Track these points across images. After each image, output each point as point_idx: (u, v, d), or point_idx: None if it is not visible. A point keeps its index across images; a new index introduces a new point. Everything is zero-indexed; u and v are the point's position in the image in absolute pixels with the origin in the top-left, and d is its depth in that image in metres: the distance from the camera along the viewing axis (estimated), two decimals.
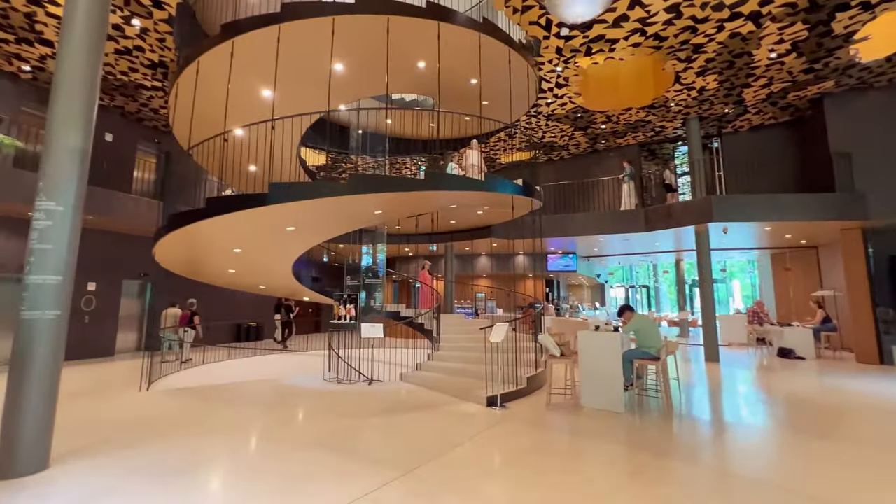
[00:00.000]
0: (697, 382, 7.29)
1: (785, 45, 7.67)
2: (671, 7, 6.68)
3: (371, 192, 5.38)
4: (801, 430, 4.63)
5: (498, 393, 5.69)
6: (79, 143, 3.90)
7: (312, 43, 6.04)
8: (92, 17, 4.01)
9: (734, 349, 11.88)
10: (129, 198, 9.55)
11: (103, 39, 4.15)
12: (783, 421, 5.05)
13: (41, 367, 3.59)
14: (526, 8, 6.77)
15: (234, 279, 9.63)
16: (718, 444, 4.25)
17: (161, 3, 6.65)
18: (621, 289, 27.09)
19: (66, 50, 3.92)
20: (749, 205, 9.24)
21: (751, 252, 15.56)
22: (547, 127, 11.81)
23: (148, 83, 9.05)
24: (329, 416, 5.32)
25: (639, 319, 5.67)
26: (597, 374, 5.55)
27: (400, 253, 16.84)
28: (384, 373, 7.79)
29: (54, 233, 3.71)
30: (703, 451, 4.04)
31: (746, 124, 11.50)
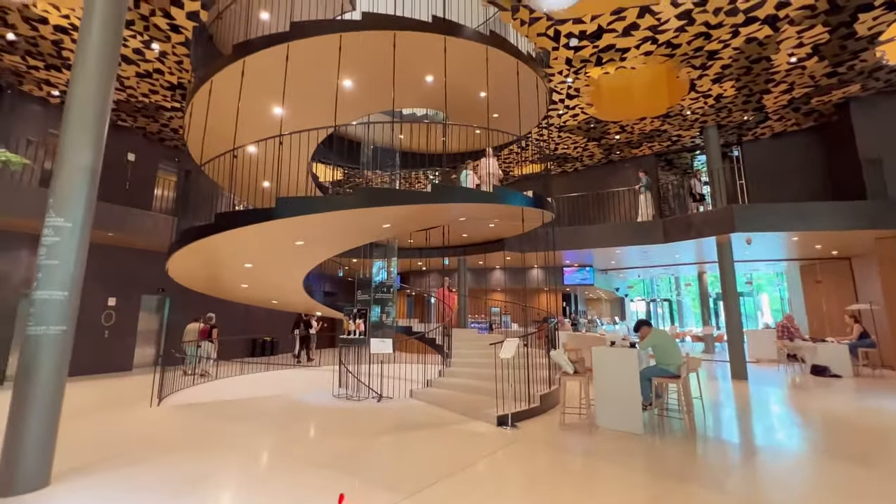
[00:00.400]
0: (723, 402, 6.88)
1: (805, 48, 7.41)
2: (683, 14, 6.55)
3: (376, 206, 5.34)
4: (839, 454, 4.26)
5: (509, 412, 5.47)
6: (89, 161, 3.98)
7: (321, 60, 6.13)
8: (104, 44, 4.13)
9: (763, 366, 11.27)
10: (147, 215, 9.80)
11: (115, 65, 4.27)
12: (818, 444, 4.67)
13: (45, 383, 3.60)
14: (533, 20, 6.74)
15: (246, 294, 9.70)
16: (747, 469, 3.94)
17: (178, 28, 6.89)
18: (642, 303, 26.35)
19: (80, 73, 4.04)
20: (773, 214, 8.85)
21: (778, 264, 14.91)
22: (559, 139, 11.69)
23: (167, 104, 9.37)
24: (336, 434, 5.19)
25: (656, 335, 5.40)
26: (613, 393, 5.28)
27: (413, 267, 16.78)
28: (394, 389, 7.63)
29: (62, 249, 3.77)
30: (730, 477, 3.74)
31: (768, 131, 11.13)
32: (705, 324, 15.81)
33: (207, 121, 6.95)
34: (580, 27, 6.91)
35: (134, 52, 7.50)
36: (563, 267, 15.55)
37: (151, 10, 6.52)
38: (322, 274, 15.77)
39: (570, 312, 17.90)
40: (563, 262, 15.07)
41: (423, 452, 4.44)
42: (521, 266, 11.82)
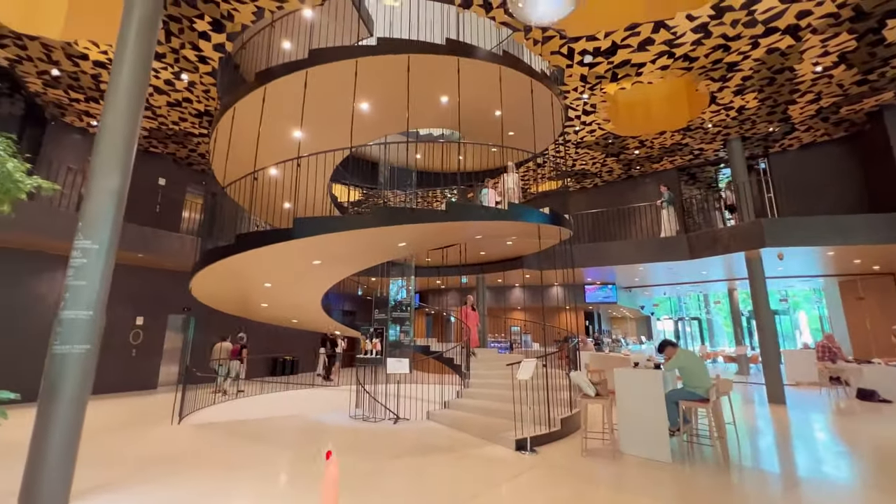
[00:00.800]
0: (759, 428, 6.46)
1: (831, 57, 7.17)
2: (699, 27, 6.47)
3: (391, 225, 5.37)
4: (891, 489, 3.88)
5: (528, 435, 5.27)
6: (116, 185, 4.15)
7: (339, 84, 6.32)
8: (134, 78, 4.37)
9: (803, 389, 10.58)
10: (175, 236, 10.16)
11: (143, 97, 4.48)
12: (868, 477, 4.28)
13: (68, 402, 3.68)
14: (546, 39, 6.79)
15: (267, 313, 9.84)
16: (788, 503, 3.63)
17: (205, 59, 7.26)
18: (669, 321, 25.39)
19: (111, 105, 4.27)
20: (805, 228, 8.44)
21: (815, 280, 14.17)
22: (577, 155, 11.61)
23: (196, 130, 9.82)
24: (351, 456, 5.10)
25: (683, 356, 5.14)
26: (638, 418, 5.02)
27: (431, 285, 16.75)
28: (411, 409, 7.51)
29: (89, 270, 3.91)
30: None
31: (796, 142, 10.75)
32: (738, 343, 15.06)
33: (232, 145, 7.23)
34: (594, 44, 6.92)
35: (165, 82, 7.93)
36: (585, 284, 15.20)
37: (181, 44, 6.91)
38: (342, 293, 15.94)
39: (593, 331, 17.39)
40: (585, 280, 14.75)
41: (436, 478, 4.30)
42: (541, 284, 11.61)
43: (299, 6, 6.19)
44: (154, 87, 8.10)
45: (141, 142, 10.48)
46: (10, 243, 8.45)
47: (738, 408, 7.95)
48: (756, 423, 6.82)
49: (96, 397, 9.35)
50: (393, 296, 9.57)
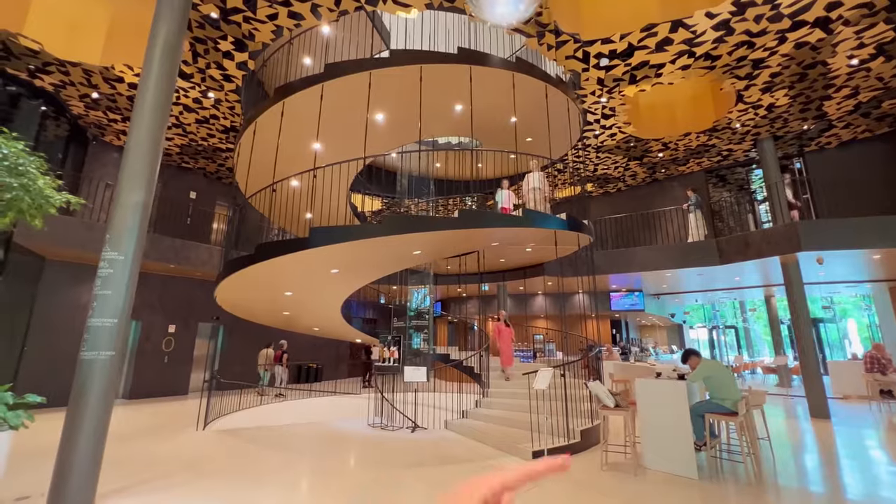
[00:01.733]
0: (798, 444, 6.04)
1: (867, 49, 6.77)
2: (720, 24, 6.25)
3: (404, 233, 5.39)
4: None
5: (545, 447, 5.12)
6: (141, 197, 4.36)
7: (356, 96, 6.46)
8: (156, 99, 4.59)
9: (852, 403, 9.85)
10: (204, 247, 10.58)
11: (166, 116, 4.69)
12: None
13: (94, 406, 3.84)
14: (560, 44, 6.73)
15: (288, 321, 10.06)
16: None
17: (230, 77, 7.59)
18: (703, 330, 24.29)
19: (136, 124, 4.50)
20: (845, 230, 7.92)
21: (861, 285, 13.25)
22: (598, 159, 11.38)
23: (223, 146, 10.25)
24: (367, 465, 5.10)
25: (708, 366, 4.88)
26: (661, 430, 4.79)
27: (452, 293, 16.70)
28: (429, 418, 7.45)
29: (115, 280, 4.10)
30: None
31: (834, 140, 10.15)
32: (777, 353, 14.22)
33: (254, 158, 7.50)
34: (610, 46, 6.80)
35: (193, 101, 8.33)
36: (610, 292, 14.78)
37: (207, 64, 7.25)
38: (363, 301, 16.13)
39: (620, 340, 16.85)
40: (610, 287, 14.34)
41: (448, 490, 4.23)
42: (565, 291, 11.36)
43: (316, 23, 6.39)
44: (184, 106, 8.52)
45: (174, 158, 11.03)
46: (61, 256, 8.99)
47: (777, 422, 7.47)
48: (795, 438, 6.38)
49: (132, 402, 9.77)
50: (412, 304, 9.59)
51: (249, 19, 6.25)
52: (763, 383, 14.01)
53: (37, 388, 6.08)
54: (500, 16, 1.25)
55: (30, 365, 8.49)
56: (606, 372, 9.67)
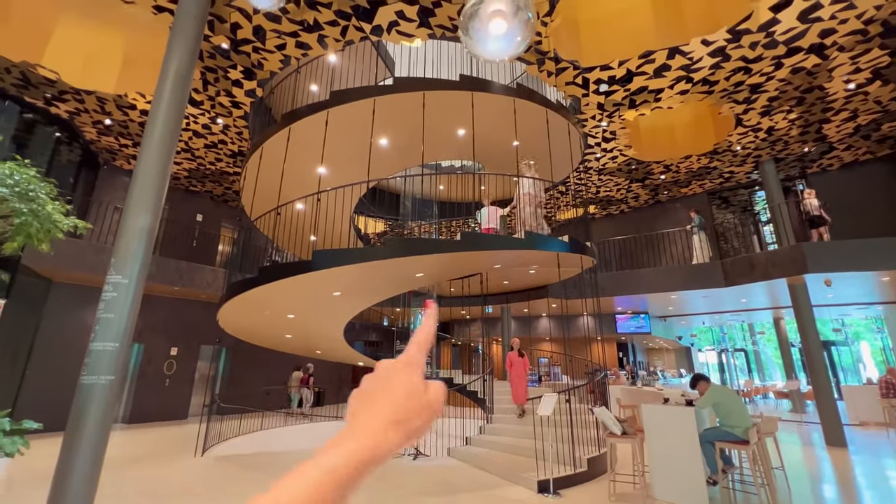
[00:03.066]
0: (814, 474, 5.82)
1: (864, 73, 6.87)
2: (716, 51, 6.39)
3: (406, 256, 5.41)
4: None
5: (551, 477, 4.96)
6: (147, 221, 4.42)
7: (361, 122, 6.61)
8: (166, 126, 4.72)
9: (869, 429, 9.54)
10: (209, 269, 10.64)
11: (174, 143, 4.81)
12: None
13: (92, 431, 3.79)
14: (560, 70, 6.89)
15: (291, 344, 9.99)
16: None
17: (238, 104, 7.81)
18: (713, 353, 23.82)
19: (146, 148, 4.61)
20: (852, 251, 7.85)
21: (872, 307, 13.03)
22: (601, 181, 11.47)
23: (230, 170, 10.44)
24: (369, 494, 4.95)
25: (717, 392, 4.76)
26: (671, 459, 4.65)
27: (456, 316, 16.57)
28: (432, 445, 7.28)
29: (118, 303, 4.11)
30: None
31: (836, 162, 10.19)
32: (789, 378, 13.86)
33: (261, 182, 7.62)
34: (608, 73, 6.95)
35: (203, 126, 8.55)
36: (615, 314, 14.62)
37: (217, 91, 7.48)
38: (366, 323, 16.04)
39: (627, 363, 16.55)
40: (615, 309, 14.19)
41: None
42: (569, 313, 11.25)
43: (322, 52, 6.60)
44: (193, 132, 8.74)
45: (182, 182, 11.24)
46: (68, 279, 9.07)
47: (791, 450, 7.22)
48: (811, 467, 6.16)
49: (131, 427, 9.64)
50: (415, 326, 9.51)
51: (258, 49, 6.47)
52: (776, 408, 13.63)
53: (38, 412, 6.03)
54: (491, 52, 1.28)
55: (31, 388, 8.44)
56: (613, 397, 9.47)
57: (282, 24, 5.96)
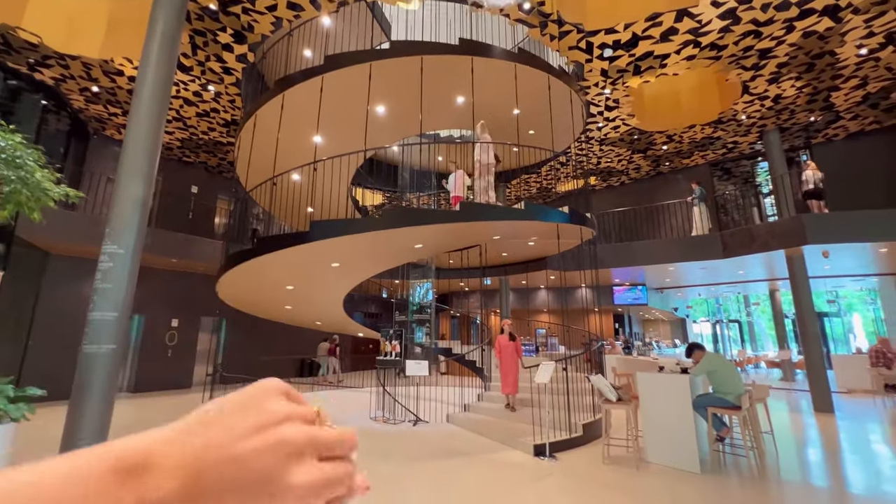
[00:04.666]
0: (802, 438, 6.01)
1: (877, 38, 6.63)
2: (726, 13, 6.13)
3: (404, 226, 5.36)
4: None
5: (547, 441, 5.11)
6: (141, 192, 4.33)
7: (356, 89, 6.40)
8: (155, 92, 4.55)
9: (857, 397, 9.81)
10: (206, 241, 10.58)
11: (165, 108, 4.65)
12: None
13: (97, 399, 3.85)
14: (563, 34, 6.63)
15: (290, 315, 10.07)
16: None
17: (229, 70, 7.54)
18: (707, 324, 24.22)
19: (135, 117, 4.47)
20: (851, 223, 7.82)
21: (867, 279, 13.15)
22: (601, 152, 11.28)
23: (224, 140, 10.21)
24: (367, 460, 5.10)
25: (711, 359, 4.84)
26: (663, 424, 4.77)
27: (454, 288, 16.67)
28: (431, 412, 7.46)
29: (115, 273, 4.09)
30: None
31: (842, 132, 10.01)
32: (781, 348, 14.16)
33: (255, 152, 7.46)
34: (614, 37, 6.69)
35: (194, 94, 8.29)
36: (613, 286, 14.72)
37: (207, 56, 7.20)
38: (365, 295, 16.14)
39: (623, 334, 16.81)
40: (613, 281, 14.28)
41: (453, 483, 4.23)
42: (568, 285, 11.32)
43: (315, 14, 6.31)
44: (184, 100, 8.48)
45: (175, 152, 11.01)
46: (64, 250, 9.01)
47: (780, 416, 7.44)
48: (799, 433, 6.35)
49: (136, 396, 9.84)
50: (414, 298, 9.57)
51: (248, 10, 6.19)
52: (767, 377, 13.96)
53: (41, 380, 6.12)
54: None
55: (35, 358, 8.55)
56: (609, 366, 9.65)
57: None
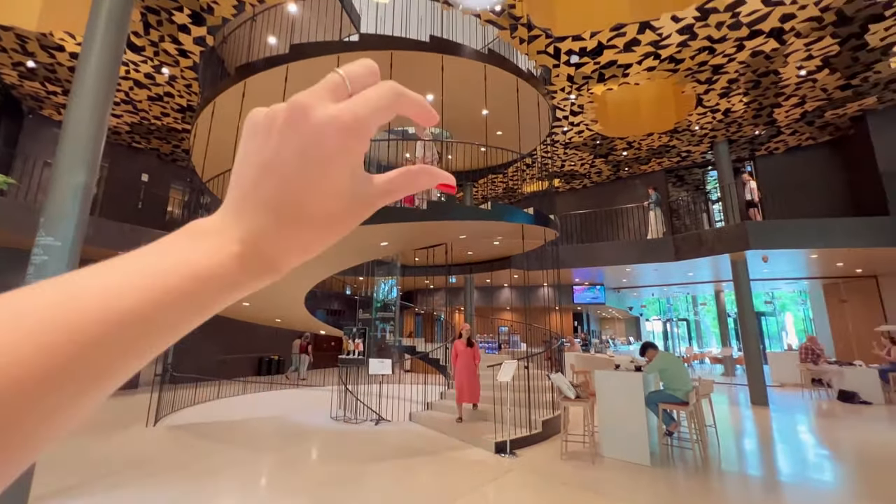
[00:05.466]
0: (740, 430, 6.47)
1: (815, 61, 7.21)
2: (684, 29, 6.46)
3: (369, 224, 5.27)
4: (872, 494, 3.88)
5: (507, 438, 5.21)
6: (82, 181, 4.01)
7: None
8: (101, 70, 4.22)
9: (787, 391, 10.67)
10: (155, 233, 9.96)
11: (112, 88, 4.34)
12: (850, 482, 4.28)
13: None
14: (532, 38, 6.74)
15: (248, 312, 9.69)
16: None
17: (186, 52, 7.11)
18: (658, 322, 25.56)
19: (77, 96, 4.13)
20: (788, 231, 8.49)
21: (800, 282, 14.32)
22: (566, 155, 11.60)
23: (179, 126, 9.64)
24: (327, 459, 5.01)
25: (663, 358, 5.12)
26: (618, 420, 4.99)
27: (420, 285, 16.65)
28: (394, 410, 7.42)
29: (50, 267, 3.77)
30: None
31: (782, 146, 10.83)
32: (724, 345, 15.18)
33: (214, 140, 7.09)
34: (580, 44, 6.88)
35: (145, 76, 7.76)
36: (573, 285, 15.22)
37: (160, 37, 6.75)
38: (328, 292, 15.79)
39: (582, 332, 17.43)
40: (573, 281, 14.76)
41: (414, 482, 4.23)
42: (530, 284, 11.60)
43: (281, 0, 6.07)
44: (134, 81, 7.92)
45: (123, 137, 10.28)
46: None
47: (721, 410, 7.97)
48: (738, 425, 6.84)
49: None
50: (378, 295, 9.47)
51: None
52: (710, 372, 14.93)
53: None
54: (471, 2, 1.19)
55: None
56: (568, 363, 9.98)
57: None
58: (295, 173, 0.24)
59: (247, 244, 0.24)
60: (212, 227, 0.24)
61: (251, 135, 0.26)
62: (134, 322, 0.19)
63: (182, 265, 0.22)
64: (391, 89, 0.26)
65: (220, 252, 0.23)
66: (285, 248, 0.25)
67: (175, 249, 0.22)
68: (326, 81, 0.26)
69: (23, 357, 0.16)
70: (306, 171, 0.24)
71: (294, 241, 0.25)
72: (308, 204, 0.25)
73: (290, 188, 0.24)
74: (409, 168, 0.29)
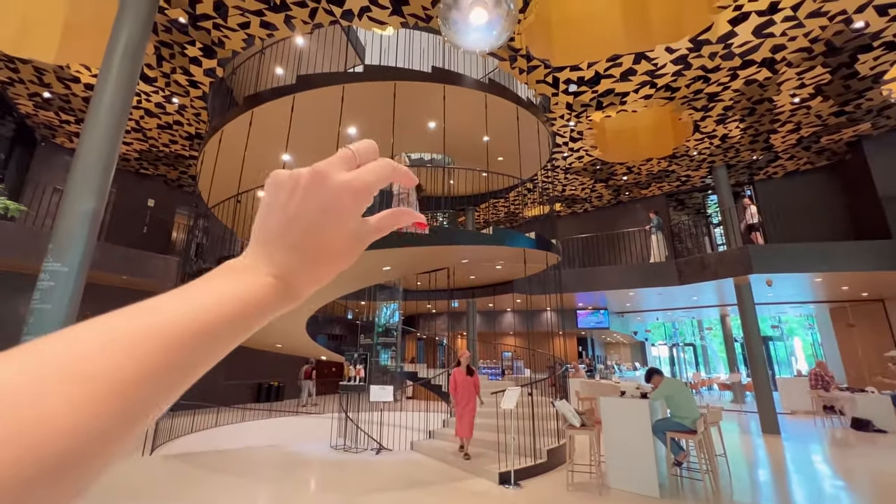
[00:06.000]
0: (752, 460, 6.27)
1: (807, 89, 7.39)
2: (678, 59, 6.66)
3: (372, 249, 5.31)
4: None
5: (512, 468, 5.07)
6: (92, 205, 4.08)
7: (327, 109, 6.40)
8: (115, 102, 4.36)
9: (799, 418, 10.40)
10: (160, 258, 10.03)
11: (124, 119, 4.46)
12: None
13: None
14: (532, 68, 6.96)
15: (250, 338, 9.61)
16: None
17: (196, 83, 7.36)
18: (664, 347, 25.15)
19: (91, 126, 4.25)
20: (791, 254, 8.49)
21: (805, 306, 14.17)
22: (566, 180, 11.74)
23: (186, 153, 9.86)
24: (327, 491, 4.87)
25: (669, 384, 5.02)
26: (625, 449, 4.86)
27: (422, 310, 16.55)
28: (395, 439, 7.25)
29: (56, 293, 3.79)
30: None
31: (780, 170, 10.95)
32: (732, 371, 14.88)
33: (220, 168, 7.24)
34: (578, 73, 7.09)
35: (156, 105, 8.00)
36: (577, 310, 15.10)
37: (172, 69, 7.01)
38: (330, 317, 15.70)
39: (586, 357, 17.16)
40: (576, 305, 14.65)
41: None
42: (534, 309, 11.52)
43: (289, 34, 6.32)
44: (145, 110, 8.16)
45: (132, 164, 10.51)
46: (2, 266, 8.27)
47: (731, 438, 7.75)
48: (749, 454, 6.63)
49: None
50: (380, 320, 9.41)
51: (220, 26, 6.11)
52: (719, 399, 14.59)
53: None
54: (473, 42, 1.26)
55: None
56: (573, 390, 9.79)
57: (245, 0, 5.65)
58: (316, 223, 0.32)
59: (278, 278, 0.30)
60: (244, 266, 0.30)
61: (275, 192, 0.32)
62: (207, 333, 0.25)
63: (233, 294, 0.27)
64: (388, 164, 0.35)
65: (258, 284, 0.29)
66: (306, 280, 0.32)
67: (224, 282, 0.28)
68: (340, 155, 0.34)
69: (126, 362, 0.21)
70: (326, 221, 0.32)
71: (313, 274, 0.32)
72: (326, 246, 0.32)
73: (313, 234, 0.32)
74: (393, 210, 0.38)
